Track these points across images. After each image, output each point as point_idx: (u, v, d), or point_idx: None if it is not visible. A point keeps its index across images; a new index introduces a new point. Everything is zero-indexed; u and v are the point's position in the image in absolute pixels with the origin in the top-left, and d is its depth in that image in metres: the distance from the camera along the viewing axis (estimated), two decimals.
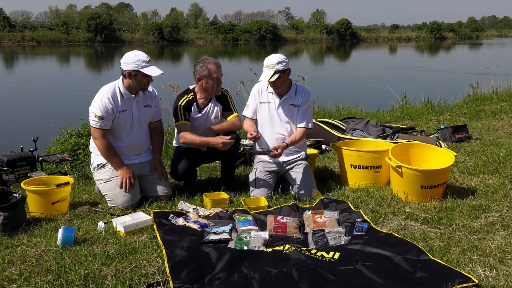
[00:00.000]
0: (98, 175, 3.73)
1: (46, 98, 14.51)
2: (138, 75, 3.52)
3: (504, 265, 2.55)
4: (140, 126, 3.74)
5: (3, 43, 43.09)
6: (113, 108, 3.52)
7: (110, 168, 3.66)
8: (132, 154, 3.77)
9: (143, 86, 3.62)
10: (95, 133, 3.55)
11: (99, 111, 3.48)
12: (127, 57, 3.54)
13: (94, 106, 3.51)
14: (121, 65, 3.55)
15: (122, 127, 3.63)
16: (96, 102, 3.51)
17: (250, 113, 3.99)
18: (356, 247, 2.77)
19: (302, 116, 3.88)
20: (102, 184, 3.70)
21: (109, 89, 3.56)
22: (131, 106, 3.63)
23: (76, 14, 73.93)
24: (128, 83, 3.56)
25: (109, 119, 3.52)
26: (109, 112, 3.50)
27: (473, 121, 7.31)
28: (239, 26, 61.17)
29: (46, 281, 2.43)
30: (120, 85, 3.59)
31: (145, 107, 3.73)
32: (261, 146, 3.91)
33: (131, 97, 3.62)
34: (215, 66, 3.83)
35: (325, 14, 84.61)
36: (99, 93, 3.56)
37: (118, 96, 3.57)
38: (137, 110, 3.68)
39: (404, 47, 52.80)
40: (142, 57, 3.51)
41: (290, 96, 3.88)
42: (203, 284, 2.40)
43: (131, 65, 3.49)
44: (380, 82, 14.81)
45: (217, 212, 3.45)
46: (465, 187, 3.93)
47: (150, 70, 3.52)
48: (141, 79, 3.55)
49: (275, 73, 3.68)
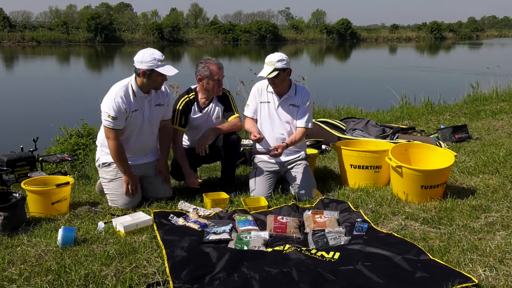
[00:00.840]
0: (102, 173, 3.70)
1: (46, 98, 14.51)
2: (152, 74, 3.44)
3: (504, 265, 2.55)
4: (150, 126, 3.67)
5: (3, 43, 43.09)
6: (126, 108, 3.43)
7: (115, 168, 3.63)
8: (139, 153, 3.73)
9: (157, 85, 3.56)
10: (109, 133, 3.47)
11: (112, 111, 3.39)
12: (142, 56, 3.44)
13: (107, 105, 3.42)
14: (135, 63, 3.46)
15: (132, 127, 3.56)
16: (109, 101, 3.42)
17: (251, 113, 3.99)
18: (356, 247, 2.77)
19: (302, 116, 3.88)
20: (105, 182, 3.68)
21: (122, 88, 3.47)
22: (142, 105, 3.56)
23: (76, 14, 73.98)
24: (142, 81, 3.48)
25: (122, 118, 3.44)
26: (122, 111, 3.42)
27: (473, 121, 7.31)
28: (239, 26, 61.16)
29: (46, 281, 2.43)
30: (132, 83, 3.50)
31: (156, 106, 3.65)
32: (261, 146, 3.91)
33: (143, 96, 3.54)
34: (217, 67, 3.82)
35: (325, 14, 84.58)
36: (111, 92, 3.47)
37: (130, 95, 3.48)
38: (149, 109, 3.60)
39: (404, 47, 52.80)
40: (157, 56, 3.43)
41: (290, 96, 3.88)
42: (203, 284, 2.40)
43: (146, 64, 3.41)
44: (380, 82, 14.82)
45: (217, 212, 3.45)
46: (465, 187, 3.93)
47: (165, 69, 3.45)
48: (156, 78, 3.48)
49: (274, 70, 3.68)
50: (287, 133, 3.90)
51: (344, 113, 8.14)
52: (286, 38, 57.32)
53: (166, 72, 3.45)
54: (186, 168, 3.89)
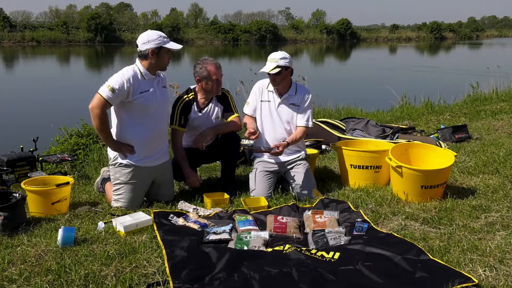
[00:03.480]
0: (116, 172, 3.60)
1: (46, 98, 14.51)
2: (161, 51, 3.46)
3: (504, 265, 2.55)
4: (162, 108, 3.65)
5: (3, 43, 43.09)
6: (129, 88, 3.39)
7: (132, 170, 3.56)
8: (153, 146, 3.62)
9: (165, 63, 3.56)
10: (98, 101, 3.35)
11: (116, 84, 3.35)
12: (147, 36, 3.45)
13: (114, 78, 3.38)
14: (140, 46, 3.45)
15: (146, 108, 3.50)
16: (118, 76, 3.39)
17: (251, 110, 3.99)
18: (356, 247, 2.77)
19: (302, 115, 3.88)
20: (117, 183, 3.60)
21: (130, 70, 3.46)
22: (153, 86, 3.55)
23: (76, 14, 73.88)
24: (149, 63, 3.48)
25: (119, 97, 3.39)
26: (124, 90, 3.37)
27: (473, 121, 7.31)
28: (239, 26, 61.17)
29: (46, 281, 2.43)
30: (139, 67, 3.49)
31: (163, 87, 3.68)
32: (262, 145, 3.92)
33: (152, 78, 3.55)
34: (215, 67, 3.82)
35: (325, 14, 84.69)
36: (122, 70, 3.45)
37: (139, 77, 3.47)
38: (160, 91, 3.60)
39: (404, 47, 52.80)
40: (162, 34, 3.50)
41: (290, 95, 3.89)
42: (203, 284, 2.40)
43: (153, 43, 3.43)
44: (380, 82, 14.81)
45: (217, 212, 3.45)
46: (465, 187, 3.93)
47: (172, 44, 3.53)
48: (164, 56, 3.50)
49: (277, 67, 3.70)
50: (287, 132, 3.90)
51: (344, 113, 8.14)
52: (286, 38, 57.31)
53: (173, 47, 3.52)
54: (187, 169, 3.88)
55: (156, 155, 3.65)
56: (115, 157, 3.60)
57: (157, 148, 3.66)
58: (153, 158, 3.64)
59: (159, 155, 3.68)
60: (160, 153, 3.69)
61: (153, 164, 3.64)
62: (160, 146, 3.69)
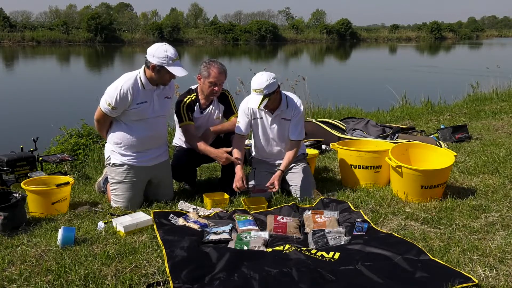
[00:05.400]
0: (111, 172, 3.65)
1: (46, 98, 14.50)
2: (162, 70, 3.42)
3: (504, 265, 2.55)
4: (160, 118, 3.66)
5: (3, 43, 43.05)
6: (131, 100, 3.41)
7: (126, 169, 3.59)
8: (151, 144, 3.66)
9: (164, 82, 3.54)
10: (100, 116, 3.48)
11: (114, 101, 3.37)
12: (155, 50, 3.41)
13: (110, 94, 3.40)
14: (147, 55, 3.43)
15: (142, 118, 3.53)
16: (115, 90, 3.39)
17: (242, 129, 3.84)
18: (356, 247, 2.77)
19: (294, 129, 3.82)
20: (113, 182, 3.63)
21: (130, 79, 3.44)
22: (151, 98, 3.54)
23: (76, 14, 73.92)
24: (150, 75, 3.47)
25: (121, 109, 3.44)
26: (124, 103, 3.40)
27: (473, 121, 7.31)
28: (239, 26, 61.11)
29: (46, 281, 2.43)
30: (141, 76, 3.48)
31: (165, 98, 3.65)
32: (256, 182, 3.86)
33: (152, 88, 3.53)
34: (218, 70, 3.79)
35: (325, 14, 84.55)
36: (120, 80, 3.44)
37: (139, 87, 3.47)
38: (158, 102, 3.59)
39: (404, 47, 52.77)
40: (170, 54, 3.39)
41: (282, 111, 3.79)
42: (203, 284, 2.40)
43: (157, 59, 3.38)
44: (380, 82, 14.80)
45: (217, 212, 3.45)
46: (465, 187, 3.93)
47: (175, 69, 3.42)
48: (164, 76, 3.47)
49: (264, 97, 3.56)
50: (281, 147, 3.89)
51: (344, 113, 8.15)
52: (286, 38, 57.27)
53: (176, 73, 3.43)
54: (213, 150, 3.78)
55: (151, 155, 3.67)
56: (109, 157, 3.64)
57: (151, 148, 3.68)
58: (147, 158, 3.66)
59: (154, 156, 3.69)
60: (155, 154, 3.70)
61: (147, 165, 3.65)
62: (155, 147, 3.70)
